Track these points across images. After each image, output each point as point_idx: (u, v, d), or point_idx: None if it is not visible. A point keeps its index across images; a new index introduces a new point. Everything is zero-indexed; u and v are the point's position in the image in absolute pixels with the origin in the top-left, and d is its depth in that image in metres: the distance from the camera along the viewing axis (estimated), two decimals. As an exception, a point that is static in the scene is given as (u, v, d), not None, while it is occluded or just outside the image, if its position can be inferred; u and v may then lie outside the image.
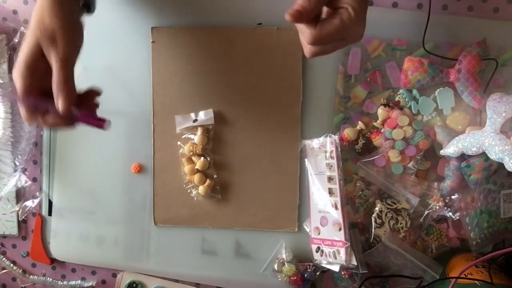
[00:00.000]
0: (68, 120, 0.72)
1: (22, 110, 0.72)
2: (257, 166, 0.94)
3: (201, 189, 0.94)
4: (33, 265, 1.06)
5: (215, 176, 0.95)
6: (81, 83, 0.72)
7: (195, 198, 0.95)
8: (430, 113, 0.89)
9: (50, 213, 1.02)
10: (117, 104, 0.93)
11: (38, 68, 0.71)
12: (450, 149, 0.85)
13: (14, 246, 1.06)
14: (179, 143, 0.95)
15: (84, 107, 0.74)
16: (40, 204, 1.02)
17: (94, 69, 0.94)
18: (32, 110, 0.72)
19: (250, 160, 0.94)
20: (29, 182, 1.02)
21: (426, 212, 0.89)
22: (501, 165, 0.82)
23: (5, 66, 0.98)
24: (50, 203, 1.02)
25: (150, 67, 0.94)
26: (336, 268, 0.89)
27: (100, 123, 0.73)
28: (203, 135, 0.93)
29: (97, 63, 0.95)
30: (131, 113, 0.96)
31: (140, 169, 0.96)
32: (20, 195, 1.03)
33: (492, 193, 0.87)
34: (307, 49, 0.70)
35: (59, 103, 0.70)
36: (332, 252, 0.88)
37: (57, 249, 1.03)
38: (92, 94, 0.76)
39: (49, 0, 0.71)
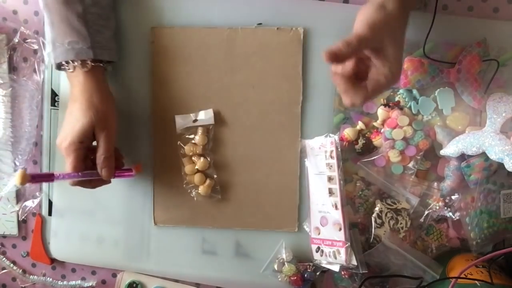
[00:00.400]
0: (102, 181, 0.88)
1: (71, 182, 0.85)
2: (257, 166, 0.94)
3: (201, 189, 0.94)
4: (33, 265, 1.06)
5: (215, 176, 0.95)
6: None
7: (195, 198, 0.95)
8: (430, 113, 0.89)
9: (50, 213, 1.02)
10: (117, 104, 0.92)
11: (87, 144, 0.85)
12: (450, 149, 0.85)
13: (14, 246, 1.06)
14: (179, 143, 0.94)
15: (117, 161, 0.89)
16: (40, 204, 1.02)
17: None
18: (80, 182, 0.85)
19: (250, 160, 0.94)
20: (29, 182, 1.02)
21: (426, 212, 0.89)
22: (501, 165, 0.82)
23: (5, 66, 0.98)
24: (50, 203, 1.02)
25: (150, 67, 0.94)
26: (336, 268, 0.89)
27: (131, 173, 0.91)
28: (203, 135, 0.93)
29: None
30: (131, 113, 0.96)
31: (140, 168, 0.96)
32: (20, 195, 1.03)
33: (492, 193, 0.87)
34: (350, 101, 0.74)
35: (105, 174, 0.85)
36: (332, 252, 0.88)
37: (57, 249, 1.03)
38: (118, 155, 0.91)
39: (96, 84, 0.85)
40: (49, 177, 0.83)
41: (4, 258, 1.06)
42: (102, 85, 0.87)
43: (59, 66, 0.87)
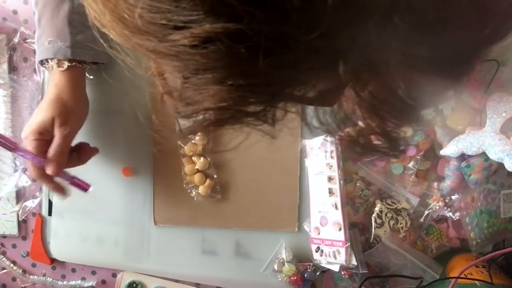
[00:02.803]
0: (58, 188, 0.86)
1: (32, 169, 0.84)
2: (257, 166, 0.94)
3: (201, 189, 0.94)
4: (33, 265, 1.06)
5: (215, 176, 0.95)
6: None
7: (195, 198, 0.95)
8: (430, 113, 0.89)
9: (50, 213, 1.02)
10: (118, 103, 0.92)
11: (46, 137, 0.83)
12: (450, 149, 0.85)
13: (14, 246, 1.06)
14: (179, 143, 0.94)
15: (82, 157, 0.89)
16: (40, 204, 1.03)
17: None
18: (39, 170, 0.83)
19: (250, 160, 0.94)
20: (29, 182, 1.02)
21: (426, 212, 0.89)
22: (501, 165, 0.82)
23: (5, 66, 0.98)
24: (50, 203, 1.02)
25: (150, 67, 0.94)
26: (336, 268, 0.89)
27: (84, 187, 0.89)
28: (203, 135, 0.93)
29: (97, 63, 0.95)
30: (131, 113, 0.96)
31: (131, 172, 0.96)
32: (20, 195, 1.03)
33: (492, 193, 0.87)
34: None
35: (48, 170, 0.82)
36: (332, 252, 0.88)
37: (57, 249, 1.03)
38: (92, 152, 0.91)
39: (69, 82, 0.84)
40: (12, 144, 0.81)
41: (4, 258, 1.06)
42: (76, 85, 0.86)
43: (41, 63, 0.87)
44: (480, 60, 0.50)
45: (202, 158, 0.94)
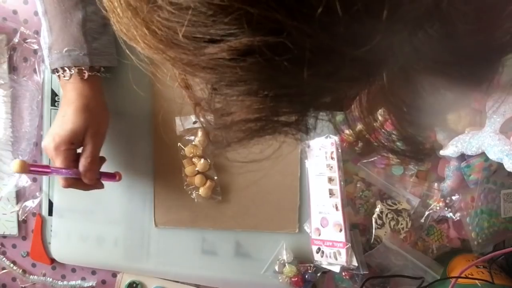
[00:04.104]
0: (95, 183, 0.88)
1: (61, 180, 0.84)
2: (258, 167, 0.94)
3: (201, 190, 0.94)
4: (33, 265, 1.06)
5: (215, 177, 0.95)
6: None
7: (195, 200, 0.95)
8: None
9: (50, 213, 1.02)
10: (118, 105, 0.92)
11: (77, 145, 0.85)
12: (450, 150, 0.85)
13: (14, 246, 1.06)
14: (179, 144, 0.94)
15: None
16: (40, 204, 1.02)
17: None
18: (71, 179, 0.85)
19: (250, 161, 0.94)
20: (29, 182, 1.02)
21: (426, 213, 0.89)
22: (501, 165, 0.82)
23: (5, 66, 0.98)
24: (50, 203, 1.02)
25: (151, 68, 0.94)
26: (336, 269, 0.89)
27: (115, 178, 0.92)
28: (204, 137, 0.93)
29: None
30: (131, 114, 0.96)
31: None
32: (20, 195, 1.03)
33: (492, 192, 0.87)
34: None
35: (87, 179, 0.85)
36: (333, 253, 0.88)
37: (57, 250, 1.03)
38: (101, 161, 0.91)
39: (92, 87, 0.86)
40: (45, 169, 0.82)
41: (4, 258, 1.06)
42: (98, 93, 0.87)
43: (54, 71, 0.87)
44: (501, 63, 0.50)
45: (202, 160, 0.94)
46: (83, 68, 0.84)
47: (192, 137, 0.94)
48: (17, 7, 0.98)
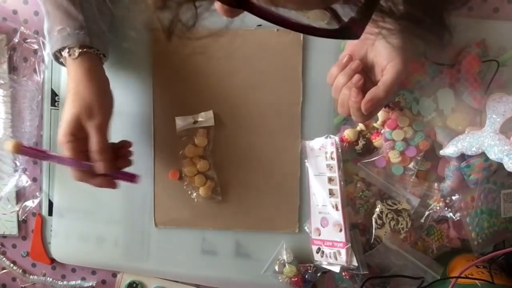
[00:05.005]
0: (108, 181, 0.84)
1: (72, 172, 0.82)
2: (258, 167, 0.94)
3: (201, 190, 0.94)
4: (33, 265, 1.06)
5: (215, 177, 0.95)
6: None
7: (195, 200, 0.95)
8: (430, 114, 0.89)
9: (50, 213, 1.02)
10: (118, 105, 0.92)
11: (80, 135, 0.80)
12: (450, 149, 0.85)
13: (14, 246, 1.06)
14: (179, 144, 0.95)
15: (121, 159, 0.86)
16: (40, 204, 1.02)
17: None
18: (80, 171, 0.82)
19: (250, 161, 0.94)
20: (29, 182, 1.02)
21: (426, 213, 0.89)
22: (501, 165, 0.82)
23: (5, 66, 0.98)
24: (50, 203, 1.02)
25: (151, 68, 0.94)
26: (336, 269, 0.89)
27: (132, 178, 0.87)
28: (203, 137, 0.93)
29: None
30: (131, 114, 0.96)
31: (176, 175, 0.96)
32: (20, 195, 1.03)
33: (492, 192, 0.87)
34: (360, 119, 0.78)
35: (98, 169, 0.81)
36: (333, 253, 0.88)
37: (57, 249, 1.03)
38: (125, 146, 0.88)
39: (83, 73, 0.81)
40: (41, 153, 0.81)
41: (4, 258, 1.06)
42: (93, 74, 0.82)
43: (56, 58, 0.84)
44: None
45: (202, 160, 0.94)
46: (73, 46, 0.81)
47: (192, 137, 0.94)
48: (17, 7, 0.98)
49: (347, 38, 0.47)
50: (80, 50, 0.81)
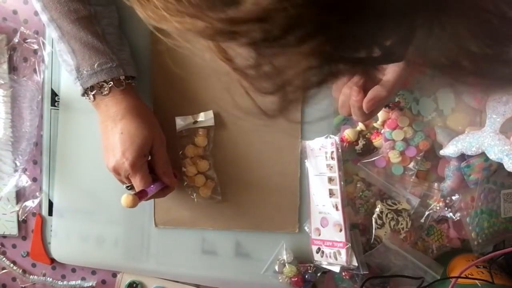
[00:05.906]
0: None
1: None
2: (258, 167, 0.94)
3: (201, 190, 0.94)
4: (33, 265, 1.06)
5: (215, 177, 0.95)
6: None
7: (195, 200, 0.95)
8: (430, 114, 0.89)
9: (50, 213, 1.02)
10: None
11: (148, 155, 0.86)
12: (450, 149, 0.85)
13: (14, 246, 1.06)
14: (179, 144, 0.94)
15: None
16: (40, 204, 1.02)
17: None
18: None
19: (250, 161, 0.94)
20: (29, 182, 1.01)
21: (426, 213, 0.89)
22: (501, 165, 0.82)
23: (5, 66, 0.98)
24: (50, 203, 1.02)
25: (151, 68, 0.94)
26: (336, 269, 0.89)
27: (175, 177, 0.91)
28: (204, 137, 0.93)
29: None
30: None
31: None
32: (20, 195, 1.03)
33: (492, 192, 0.87)
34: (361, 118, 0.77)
35: (170, 181, 0.88)
36: (333, 253, 0.88)
37: (57, 249, 1.03)
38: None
39: (136, 97, 0.87)
40: (145, 194, 0.84)
41: (4, 258, 1.06)
42: (139, 100, 0.87)
43: (86, 92, 0.85)
44: None
45: (202, 160, 0.94)
46: (120, 79, 0.84)
47: (192, 137, 0.94)
48: (17, 7, 0.98)
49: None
50: (127, 81, 0.85)
